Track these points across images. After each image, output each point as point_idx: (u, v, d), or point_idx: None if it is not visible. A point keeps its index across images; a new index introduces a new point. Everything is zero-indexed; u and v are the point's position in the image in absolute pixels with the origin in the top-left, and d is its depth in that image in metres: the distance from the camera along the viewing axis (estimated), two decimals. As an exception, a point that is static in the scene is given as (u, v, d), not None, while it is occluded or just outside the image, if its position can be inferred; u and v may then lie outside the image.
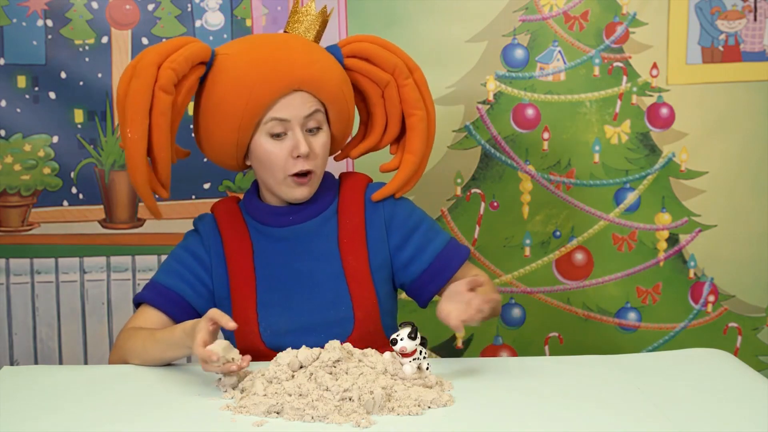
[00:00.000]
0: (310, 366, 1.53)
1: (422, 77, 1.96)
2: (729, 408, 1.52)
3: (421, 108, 1.94)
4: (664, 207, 2.56)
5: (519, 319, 2.61)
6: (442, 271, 1.90)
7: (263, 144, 1.82)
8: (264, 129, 1.81)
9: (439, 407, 1.51)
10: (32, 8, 2.48)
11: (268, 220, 1.89)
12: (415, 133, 1.94)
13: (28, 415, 1.51)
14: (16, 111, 2.51)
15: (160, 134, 1.79)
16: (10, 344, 2.58)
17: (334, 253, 1.88)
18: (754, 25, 2.50)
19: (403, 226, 1.92)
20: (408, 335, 1.54)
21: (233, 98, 1.79)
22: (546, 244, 2.58)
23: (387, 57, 1.92)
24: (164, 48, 1.80)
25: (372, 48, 1.92)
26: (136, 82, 1.77)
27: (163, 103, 1.78)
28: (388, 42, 1.96)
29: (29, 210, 2.55)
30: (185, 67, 1.80)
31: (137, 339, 1.80)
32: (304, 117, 1.81)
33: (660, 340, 2.60)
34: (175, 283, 1.88)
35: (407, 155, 1.95)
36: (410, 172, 1.95)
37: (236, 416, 1.48)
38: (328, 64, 1.86)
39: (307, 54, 1.84)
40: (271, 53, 1.82)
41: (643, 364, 1.76)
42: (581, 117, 2.53)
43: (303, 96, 1.81)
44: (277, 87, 1.79)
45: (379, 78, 1.92)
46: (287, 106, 1.80)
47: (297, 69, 1.80)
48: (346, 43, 1.94)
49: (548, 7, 2.50)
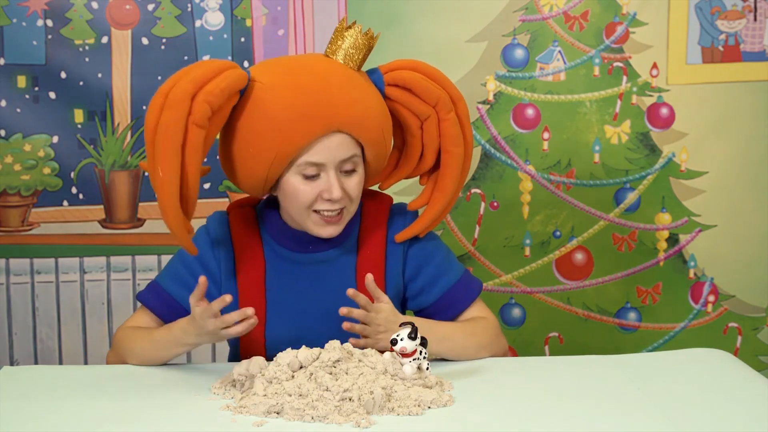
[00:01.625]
0: (310, 366, 1.53)
1: (465, 109, 1.84)
2: (729, 408, 1.52)
3: (460, 145, 1.81)
4: (664, 207, 2.56)
5: (519, 319, 2.61)
6: (450, 307, 1.84)
7: (294, 182, 1.71)
8: (297, 169, 1.70)
9: (439, 407, 1.51)
10: (32, 8, 2.48)
11: (286, 243, 1.81)
12: (449, 170, 1.83)
13: (28, 415, 1.51)
14: (16, 111, 2.51)
15: (192, 171, 1.66)
16: (10, 344, 2.58)
17: (350, 282, 1.80)
18: (754, 25, 2.50)
19: (418, 254, 1.85)
20: (408, 335, 1.54)
21: (268, 137, 1.67)
22: (546, 244, 2.58)
23: (431, 89, 1.78)
24: (199, 76, 1.64)
25: (416, 79, 1.78)
26: (168, 115, 1.62)
27: (197, 139, 1.63)
28: (433, 70, 1.82)
29: (29, 210, 2.55)
30: (221, 100, 1.65)
31: (135, 339, 1.78)
32: (340, 161, 1.71)
33: (660, 340, 2.60)
34: (179, 292, 1.80)
35: (437, 193, 1.84)
36: (438, 213, 1.84)
37: (236, 416, 1.48)
38: (369, 102, 1.73)
39: (348, 93, 1.70)
40: (310, 91, 1.68)
41: (643, 364, 1.76)
42: (581, 117, 2.53)
43: (341, 138, 1.69)
44: (315, 130, 1.67)
45: (421, 111, 1.79)
46: (324, 149, 1.69)
47: (337, 111, 1.67)
48: (388, 69, 1.80)
49: (548, 7, 2.50)
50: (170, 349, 1.73)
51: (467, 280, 1.87)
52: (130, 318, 1.86)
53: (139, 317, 1.84)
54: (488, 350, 1.80)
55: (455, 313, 1.85)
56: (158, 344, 1.74)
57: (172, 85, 1.64)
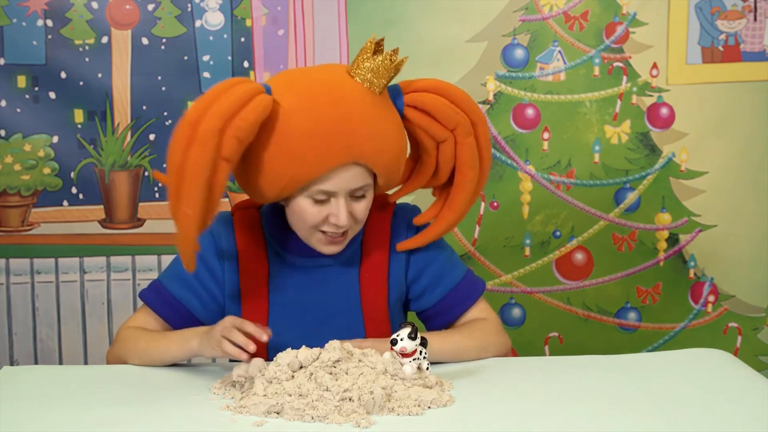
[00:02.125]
0: (310, 366, 1.53)
1: (485, 132, 1.79)
2: (729, 408, 1.52)
3: (474, 168, 1.77)
4: (664, 207, 2.56)
5: (519, 319, 2.61)
6: (453, 308, 1.84)
7: (303, 205, 1.69)
8: (308, 194, 1.68)
9: (439, 407, 1.51)
10: (32, 8, 2.48)
11: (290, 248, 1.80)
12: (460, 191, 1.80)
13: (28, 415, 1.51)
14: (16, 111, 2.51)
15: (215, 202, 1.62)
16: (10, 344, 2.58)
17: (354, 286, 1.80)
18: (754, 25, 2.50)
19: (421, 256, 1.84)
20: (408, 335, 1.54)
21: (283, 162, 1.64)
22: (546, 244, 2.58)
23: (451, 114, 1.73)
24: (227, 109, 1.57)
25: (436, 103, 1.73)
26: (197, 152, 1.56)
27: (225, 173, 1.59)
28: (457, 92, 1.77)
29: (29, 210, 2.55)
30: (252, 134, 1.60)
31: (139, 341, 1.77)
32: (352, 189, 1.69)
33: (660, 340, 2.60)
34: (182, 293, 1.79)
35: (446, 211, 1.82)
36: (445, 229, 1.83)
37: (236, 416, 1.48)
38: (389, 133, 1.69)
39: (369, 124, 1.65)
40: (329, 120, 1.63)
41: (643, 364, 1.76)
42: (581, 117, 2.53)
43: (356, 170, 1.66)
44: (332, 161, 1.63)
45: (438, 135, 1.75)
46: (338, 178, 1.66)
47: (356, 143, 1.64)
48: (411, 90, 1.75)
49: (548, 7, 2.50)
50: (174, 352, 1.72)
51: (470, 281, 1.87)
52: (132, 317, 1.85)
53: (142, 317, 1.83)
54: (489, 351, 1.80)
55: (458, 314, 1.84)
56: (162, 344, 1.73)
57: (198, 116, 1.58)
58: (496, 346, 1.81)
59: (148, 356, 1.75)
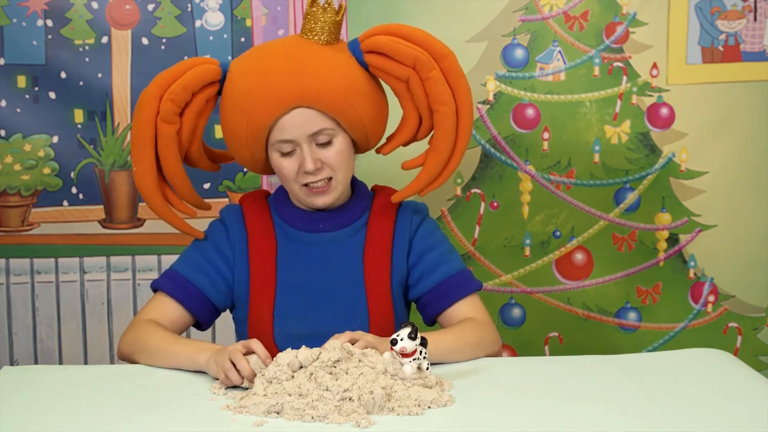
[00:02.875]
0: (310, 366, 1.53)
1: (453, 65, 1.84)
2: (729, 408, 1.52)
3: (445, 103, 1.82)
4: (664, 207, 2.56)
5: (519, 319, 2.61)
6: (446, 295, 1.87)
7: (276, 160, 1.82)
8: (273, 148, 1.80)
9: (439, 407, 1.51)
10: (32, 8, 2.48)
11: (297, 224, 1.88)
12: (439, 129, 1.84)
13: (28, 415, 1.51)
14: (16, 111, 2.51)
15: (168, 164, 1.84)
16: (10, 344, 2.58)
17: (358, 265, 1.86)
18: (754, 25, 2.50)
19: (422, 243, 1.90)
20: (408, 335, 1.54)
21: (236, 121, 1.80)
22: (546, 244, 2.58)
23: (405, 51, 1.80)
24: (165, 78, 1.82)
25: (389, 42, 1.80)
26: (138, 117, 1.82)
27: (166, 134, 1.81)
28: (411, 30, 1.84)
29: (29, 210, 2.55)
30: (185, 96, 1.81)
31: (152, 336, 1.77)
32: (310, 135, 1.77)
33: (660, 340, 2.60)
34: (195, 275, 1.87)
35: (431, 153, 1.86)
36: (434, 172, 1.86)
37: (236, 416, 1.48)
38: (333, 73, 1.78)
39: (308, 67, 1.77)
40: (267, 73, 1.77)
41: (643, 364, 1.76)
42: (581, 117, 2.53)
43: (305, 113, 1.77)
44: (274, 108, 1.76)
45: (399, 74, 1.82)
46: (290, 125, 1.77)
47: (294, 86, 1.75)
48: (365, 36, 1.84)
49: (548, 7, 2.50)
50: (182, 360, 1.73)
51: (466, 276, 1.91)
52: (147, 306, 1.87)
53: (157, 304, 1.87)
54: (483, 347, 1.80)
55: (450, 302, 1.86)
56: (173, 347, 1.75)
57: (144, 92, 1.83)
58: (490, 342, 1.83)
59: (157, 355, 1.76)
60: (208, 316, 1.90)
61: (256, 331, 1.83)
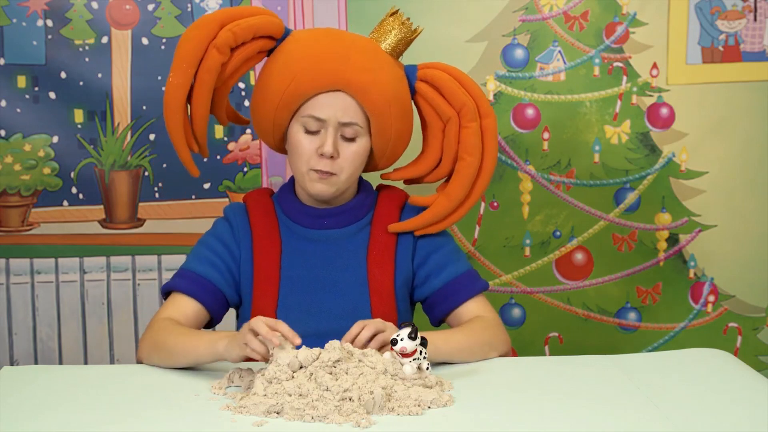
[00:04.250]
0: (310, 366, 1.53)
1: (492, 125, 1.89)
2: (729, 408, 1.52)
3: (475, 156, 1.86)
4: (664, 207, 2.56)
5: (519, 319, 2.61)
6: (454, 295, 1.88)
7: (296, 134, 1.81)
8: (300, 121, 1.80)
9: (439, 407, 1.51)
10: (32, 8, 2.48)
11: (301, 220, 1.88)
12: (458, 177, 1.88)
13: (28, 415, 1.51)
14: (16, 111, 2.51)
15: (202, 90, 1.81)
16: (10, 344, 2.58)
17: (362, 263, 1.86)
18: (754, 25, 2.50)
19: (428, 244, 1.90)
20: (408, 335, 1.54)
21: (278, 79, 1.79)
22: (546, 244, 2.58)
23: (458, 94, 1.85)
24: (235, 11, 1.83)
25: (446, 80, 1.86)
26: (194, 33, 1.79)
27: (213, 60, 1.79)
28: (468, 79, 1.90)
29: (29, 210, 2.55)
30: (247, 35, 1.80)
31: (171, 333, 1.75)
32: (341, 123, 1.78)
33: (660, 340, 2.60)
34: (207, 270, 1.86)
35: (442, 197, 1.89)
36: (438, 215, 1.89)
37: (236, 416, 1.48)
38: (385, 77, 1.81)
39: (365, 61, 1.80)
40: (328, 47, 1.80)
41: (643, 364, 1.76)
42: (581, 117, 2.53)
43: (346, 99, 1.78)
44: (321, 82, 1.77)
45: (443, 112, 1.86)
46: (327, 105, 1.78)
47: (347, 70, 1.77)
48: (425, 67, 1.90)
49: (548, 7, 2.50)
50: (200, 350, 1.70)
51: (473, 276, 1.91)
52: (163, 308, 1.86)
53: (173, 304, 1.85)
54: (494, 347, 1.81)
55: (457, 303, 1.87)
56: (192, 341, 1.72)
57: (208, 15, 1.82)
58: (500, 342, 1.83)
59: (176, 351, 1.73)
60: (221, 310, 1.90)
61: None
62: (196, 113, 1.84)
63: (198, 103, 1.82)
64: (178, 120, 1.82)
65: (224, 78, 1.84)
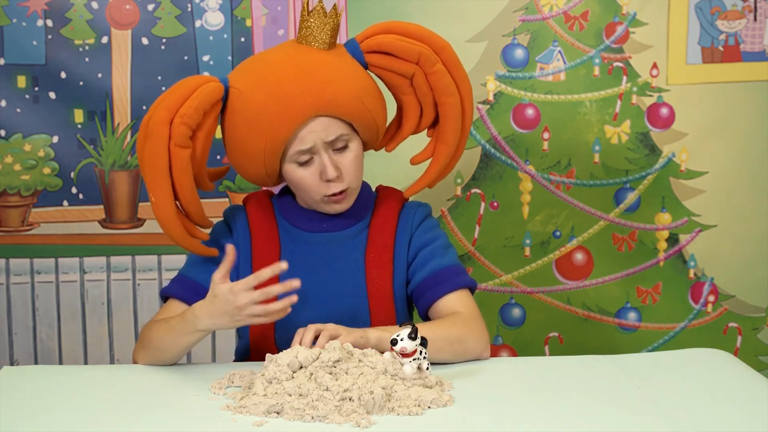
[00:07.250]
0: (310, 366, 1.53)
1: (452, 56, 1.86)
2: (729, 408, 1.52)
3: (452, 94, 1.85)
4: (664, 207, 2.56)
5: (519, 319, 2.61)
6: (434, 287, 1.84)
7: (293, 172, 1.78)
8: (291, 159, 1.77)
9: (439, 407, 1.51)
10: (32, 8, 2.48)
11: (300, 224, 1.87)
12: (447, 121, 1.86)
13: (28, 415, 1.51)
14: (16, 111, 2.51)
15: (184, 189, 1.77)
16: (10, 344, 2.58)
17: (360, 266, 1.85)
18: (754, 25, 2.50)
19: (420, 239, 1.89)
20: (408, 335, 1.54)
21: (253, 139, 1.75)
22: (546, 244, 2.58)
23: (408, 48, 1.81)
24: (173, 101, 1.73)
25: (392, 41, 1.82)
26: (149, 144, 1.72)
27: (182, 159, 1.73)
28: (409, 26, 1.85)
29: (29, 210, 2.55)
30: (197, 118, 1.74)
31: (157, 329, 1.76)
32: (327, 142, 1.76)
33: (660, 340, 2.60)
34: (204, 278, 1.82)
35: (440, 145, 1.88)
36: (443, 164, 1.89)
37: (236, 416, 1.48)
38: (343, 79, 1.77)
39: (319, 77, 1.75)
40: (282, 87, 1.74)
41: (643, 364, 1.76)
42: (581, 117, 2.53)
43: (323, 121, 1.75)
44: (292, 122, 1.73)
45: (404, 71, 1.83)
46: (308, 134, 1.74)
47: (311, 95, 1.73)
48: (364, 37, 1.84)
49: (548, 7, 2.50)
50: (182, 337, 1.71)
51: (457, 270, 1.87)
52: (157, 314, 1.86)
53: (167, 310, 1.85)
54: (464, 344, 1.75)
55: (437, 295, 1.83)
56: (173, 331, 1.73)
57: (150, 116, 1.74)
58: (473, 340, 1.77)
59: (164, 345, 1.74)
60: None
61: (257, 333, 1.82)
62: (190, 209, 1.81)
63: (187, 199, 1.79)
64: (177, 229, 1.79)
65: (198, 163, 1.79)
